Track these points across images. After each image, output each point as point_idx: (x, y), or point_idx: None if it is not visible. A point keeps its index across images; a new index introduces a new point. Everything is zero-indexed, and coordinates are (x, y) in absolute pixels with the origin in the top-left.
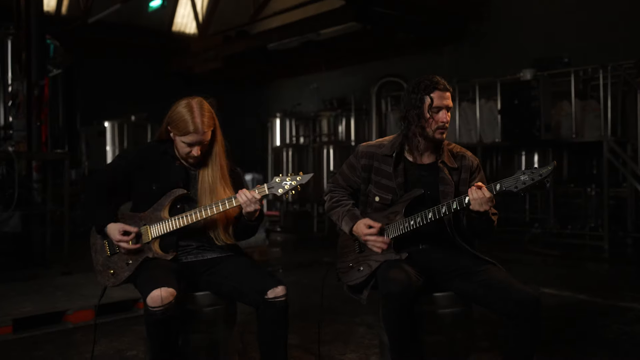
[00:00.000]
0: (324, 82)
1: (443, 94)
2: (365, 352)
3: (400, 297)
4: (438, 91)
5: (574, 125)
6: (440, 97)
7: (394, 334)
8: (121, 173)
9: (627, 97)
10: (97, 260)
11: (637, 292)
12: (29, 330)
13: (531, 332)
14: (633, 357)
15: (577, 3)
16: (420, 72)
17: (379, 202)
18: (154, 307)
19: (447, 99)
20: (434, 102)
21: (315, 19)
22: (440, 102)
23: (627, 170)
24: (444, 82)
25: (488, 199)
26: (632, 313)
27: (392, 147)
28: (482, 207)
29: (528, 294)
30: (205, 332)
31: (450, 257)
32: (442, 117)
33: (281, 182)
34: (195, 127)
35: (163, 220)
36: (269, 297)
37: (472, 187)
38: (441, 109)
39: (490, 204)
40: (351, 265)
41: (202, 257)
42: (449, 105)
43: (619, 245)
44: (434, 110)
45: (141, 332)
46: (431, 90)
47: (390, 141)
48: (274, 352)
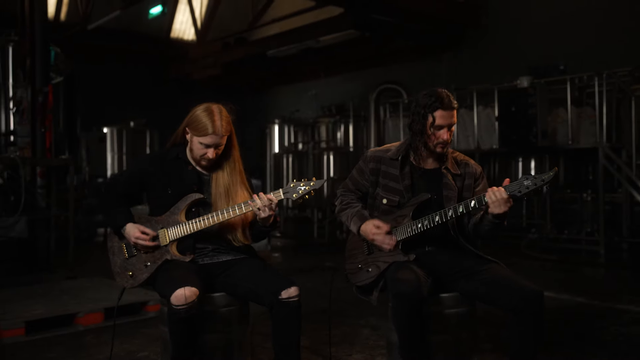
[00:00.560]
0: (322, 89)
1: (446, 113)
2: (370, 352)
3: (410, 297)
4: (441, 110)
5: (570, 132)
6: (442, 117)
7: (404, 334)
8: (136, 179)
9: (622, 104)
10: (115, 263)
11: (633, 295)
12: (40, 333)
13: (536, 327)
14: (630, 357)
15: (574, 11)
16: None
17: (387, 204)
18: (178, 305)
19: (450, 118)
20: (436, 121)
21: (314, 26)
22: (442, 121)
23: (622, 176)
24: (450, 98)
25: (506, 200)
26: (628, 315)
27: (398, 151)
28: (501, 209)
29: (532, 289)
30: (221, 332)
31: (455, 259)
32: (443, 135)
33: (295, 187)
34: (214, 129)
35: (180, 223)
36: (283, 297)
37: (490, 190)
38: (443, 127)
39: (509, 205)
40: (360, 266)
41: (217, 260)
42: (451, 124)
43: (615, 250)
44: (436, 127)
45: (151, 334)
46: (434, 109)
47: (397, 146)
48: (287, 350)
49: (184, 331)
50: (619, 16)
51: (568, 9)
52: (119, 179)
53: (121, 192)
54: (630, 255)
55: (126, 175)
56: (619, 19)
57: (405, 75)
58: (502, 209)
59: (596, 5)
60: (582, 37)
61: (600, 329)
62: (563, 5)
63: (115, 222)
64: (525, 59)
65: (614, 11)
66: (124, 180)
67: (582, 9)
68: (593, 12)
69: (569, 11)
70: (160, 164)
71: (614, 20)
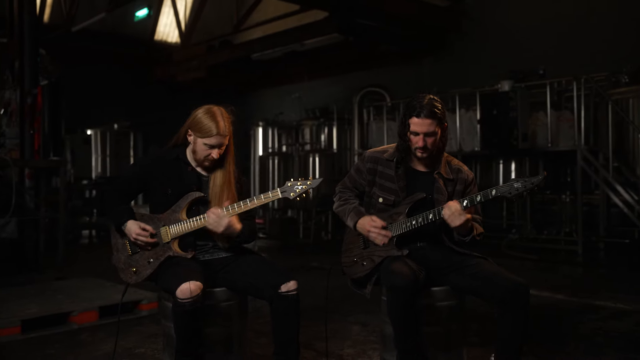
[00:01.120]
0: (306, 92)
1: (419, 121)
2: (361, 347)
3: (405, 289)
4: (415, 118)
5: (550, 135)
6: (416, 124)
7: (399, 325)
8: (137, 179)
9: (599, 108)
10: (119, 259)
11: (610, 292)
12: (36, 331)
13: (521, 318)
14: (607, 349)
15: (553, 16)
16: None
17: (382, 203)
18: (183, 299)
19: (424, 126)
20: (410, 127)
21: (299, 29)
22: (417, 128)
23: (599, 178)
24: (430, 107)
25: (460, 212)
26: (605, 311)
27: (394, 153)
28: (459, 220)
29: (518, 282)
30: (222, 326)
31: (445, 254)
32: (418, 142)
33: (292, 186)
34: (218, 130)
35: (181, 221)
36: (282, 291)
37: (446, 205)
38: (418, 134)
39: (463, 217)
40: (356, 259)
41: (217, 256)
42: (428, 132)
43: (592, 250)
44: (412, 133)
45: (146, 331)
46: (410, 116)
47: (394, 147)
48: (287, 341)
49: (189, 324)
50: (596, 23)
51: (547, 15)
52: (121, 179)
53: (123, 191)
54: (606, 254)
55: (128, 175)
56: (597, 25)
57: (388, 79)
58: (460, 220)
59: (574, 12)
60: (561, 43)
61: (579, 324)
62: (542, 12)
63: (117, 220)
64: (505, 63)
65: (591, 18)
66: (126, 180)
67: (560, 15)
68: (571, 18)
69: (548, 17)
70: (161, 165)
71: (591, 27)
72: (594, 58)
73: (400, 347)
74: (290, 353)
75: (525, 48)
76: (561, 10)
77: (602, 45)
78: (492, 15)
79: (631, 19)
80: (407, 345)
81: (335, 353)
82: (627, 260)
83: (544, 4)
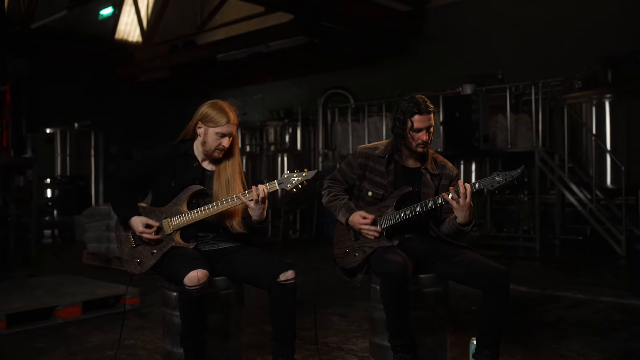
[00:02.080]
0: (269, 93)
1: (423, 117)
2: (344, 335)
3: (398, 276)
4: (418, 115)
5: (509, 137)
6: (420, 121)
7: (392, 309)
8: (143, 171)
9: (554, 111)
10: (123, 251)
11: (568, 284)
12: (21, 326)
13: (502, 302)
14: (571, 334)
15: (511, 23)
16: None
17: (372, 196)
18: (191, 286)
19: (427, 121)
20: (414, 125)
21: (264, 31)
22: (420, 124)
23: (555, 177)
24: (427, 103)
25: (469, 195)
26: (565, 300)
27: (385, 150)
28: (464, 201)
29: (499, 269)
30: (221, 313)
31: (432, 244)
32: (422, 137)
33: (289, 178)
34: (229, 119)
35: (182, 213)
36: (281, 279)
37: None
38: (421, 130)
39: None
40: (347, 251)
41: (218, 247)
42: (429, 126)
43: (549, 246)
44: (415, 130)
45: (132, 325)
46: (412, 114)
47: (384, 145)
48: (285, 326)
49: (195, 310)
50: (551, 30)
51: (505, 21)
52: (127, 171)
53: (128, 183)
54: (561, 250)
55: (135, 167)
56: (551, 32)
57: (351, 82)
58: (464, 202)
59: (531, 19)
60: (518, 48)
61: (544, 313)
62: (501, 18)
63: (122, 215)
64: (465, 67)
65: (546, 25)
66: (133, 172)
67: (518, 22)
68: (529, 25)
69: (506, 24)
70: (168, 159)
71: (546, 34)
72: (548, 63)
73: (392, 330)
74: (287, 337)
75: (484, 53)
76: (519, 18)
77: (556, 51)
78: (452, 20)
79: (582, 28)
80: (398, 328)
81: (320, 341)
82: (581, 255)
83: (503, 12)
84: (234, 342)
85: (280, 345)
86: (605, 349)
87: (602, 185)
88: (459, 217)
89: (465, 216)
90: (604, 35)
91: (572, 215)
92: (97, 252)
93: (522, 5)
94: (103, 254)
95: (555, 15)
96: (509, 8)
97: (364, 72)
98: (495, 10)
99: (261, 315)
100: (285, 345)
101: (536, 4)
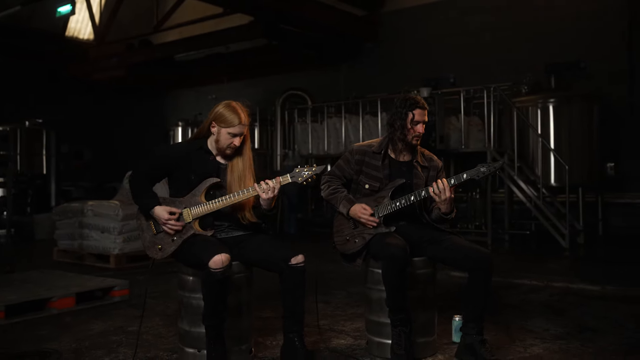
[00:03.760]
0: (224, 93)
1: (422, 112)
2: (332, 319)
3: (399, 258)
4: (419, 109)
5: (462, 138)
6: (420, 114)
7: (393, 288)
8: (163, 165)
9: (503, 114)
10: (145, 238)
11: (522, 273)
12: (19, 316)
13: (486, 282)
14: (534, 313)
15: (459, 30)
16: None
17: (368, 189)
18: (216, 269)
19: (425, 116)
20: (415, 117)
21: (224, 32)
22: (420, 117)
23: (505, 176)
24: (424, 102)
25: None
26: (524, 287)
27: (380, 146)
28: (445, 196)
29: (483, 253)
30: (233, 295)
31: (423, 231)
32: (419, 129)
33: (300, 171)
34: (240, 120)
35: (200, 203)
36: (292, 263)
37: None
38: (419, 123)
39: (449, 193)
40: (348, 238)
41: (232, 234)
42: (425, 120)
43: (499, 240)
44: (414, 123)
45: (127, 314)
46: (414, 108)
47: (379, 142)
48: (295, 305)
49: (219, 291)
50: (499, 37)
51: (457, 28)
52: (148, 165)
53: (149, 176)
54: (510, 244)
55: (156, 162)
56: (499, 40)
57: (307, 83)
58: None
59: (479, 27)
60: (466, 54)
61: (507, 297)
62: (452, 25)
63: (145, 205)
64: (417, 71)
65: (494, 32)
66: (154, 166)
67: (466, 30)
68: (477, 32)
69: (455, 31)
70: (185, 154)
71: (494, 41)
72: (495, 69)
73: (393, 306)
74: (297, 314)
75: (434, 57)
76: (467, 26)
77: (503, 57)
78: (405, 25)
79: (526, 37)
80: (398, 304)
81: (312, 324)
82: (529, 248)
83: (452, 19)
84: (245, 321)
85: (291, 322)
86: (565, 324)
87: (547, 184)
88: (442, 207)
89: (447, 207)
90: (547, 44)
91: (518, 212)
92: (69, 249)
93: (469, 13)
94: (75, 250)
95: (502, 24)
96: (457, 15)
97: (320, 74)
98: (445, 17)
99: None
100: (296, 322)
101: (483, 13)
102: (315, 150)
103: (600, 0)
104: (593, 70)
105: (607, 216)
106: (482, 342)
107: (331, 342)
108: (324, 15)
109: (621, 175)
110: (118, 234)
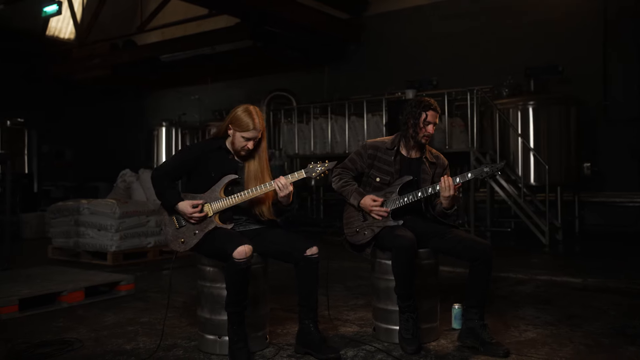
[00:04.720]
0: (208, 94)
1: (434, 114)
2: (335, 310)
3: (409, 248)
4: (432, 111)
5: (446, 138)
6: (432, 116)
7: (403, 276)
8: (185, 164)
9: (484, 115)
10: (168, 232)
11: (507, 267)
12: (31, 310)
13: (487, 271)
14: (523, 303)
15: (440, 34)
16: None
17: (379, 182)
18: (240, 259)
19: (436, 118)
20: (427, 117)
21: (211, 34)
22: (432, 118)
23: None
24: (437, 105)
25: (451, 186)
26: (511, 279)
27: (392, 143)
28: (449, 193)
29: (485, 244)
30: (251, 285)
31: (427, 224)
32: (430, 129)
33: (314, 168)
34: (254, 126)
35: (220, 199)
36: (307, 254)
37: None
38: (431, 124)
39: (453, 190)
40: (357, 230)
41: (249, 228)
42: (436, 122)
43: (481, 237)
44: (426, 123)
45: (137, 307)
46: (427, 109)
47: (391, 139)
48: (310, 294)
49: (242, 280)
50: (478, 41)
51: (439, 30)
52: (170, 164)
53: (171, 174)
54: (492, 241)
55: (178, 161)
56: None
57: (291, 84)
58: (450, 192)
59: (460, 31)
60: (447, 57)
61: (496, 289)
62: (435, 28)
63: (169, 202)
64: (400, 73)
65: (474, 36)
66: (176, 166)
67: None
68: (457, 36)
69: (436, 34)
70: (205, 153)
71: (476, 44)
72: (475, 71)
73: (402, 293)
74: (312, 303)
75: (416, 59)
76: (448, 29)
77: (482, 60)
78: (389, 28)
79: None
80: (407, 291)
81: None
82: (510, 244)
83: (433, 23)
84: (262, 309)
85: (306, 310)
86: (553, 313)
87: (527, 183)
88: (444, 203)
89: (449, 203)
90: (527, 48)
91: (499, 210)
92: (64, 246)
93: (451, 18)
94: (71, 248)
95: (483, 29)
96: (438, 20)
97: (304, 75)
98: (427, 21)
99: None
100: (311, 310)
101: (464, 18)
102: (302, 150)
103: (577, 5)
104: (570, 73)
105: (584, 214)
106: (483, 327)
107: (338, 330)
108: (309, 18)
109: (596, 175)
110: (115, 231)
